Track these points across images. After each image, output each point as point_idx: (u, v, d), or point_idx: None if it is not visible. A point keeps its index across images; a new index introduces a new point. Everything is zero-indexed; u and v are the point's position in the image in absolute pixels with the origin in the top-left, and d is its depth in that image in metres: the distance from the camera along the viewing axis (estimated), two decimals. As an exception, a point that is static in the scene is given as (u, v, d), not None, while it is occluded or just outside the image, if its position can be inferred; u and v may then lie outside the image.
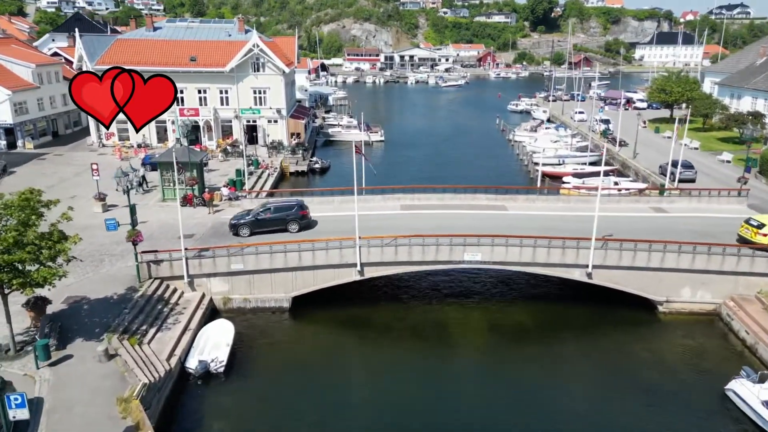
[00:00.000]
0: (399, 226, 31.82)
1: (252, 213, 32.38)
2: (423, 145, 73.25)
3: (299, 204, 32.95)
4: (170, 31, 62.15)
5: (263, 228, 31.43)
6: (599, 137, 69.48)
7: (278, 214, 31.70)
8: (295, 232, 31.37)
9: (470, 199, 36.22)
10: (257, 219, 31.61)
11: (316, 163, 58.26)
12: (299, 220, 32.09)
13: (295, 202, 33.45)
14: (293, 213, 32.12)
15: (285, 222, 31.74)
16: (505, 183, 54.00)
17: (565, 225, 32.73)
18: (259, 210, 32.26)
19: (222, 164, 53.26)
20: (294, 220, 31.92)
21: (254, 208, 33.48)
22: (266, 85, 60.33)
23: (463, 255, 27.40)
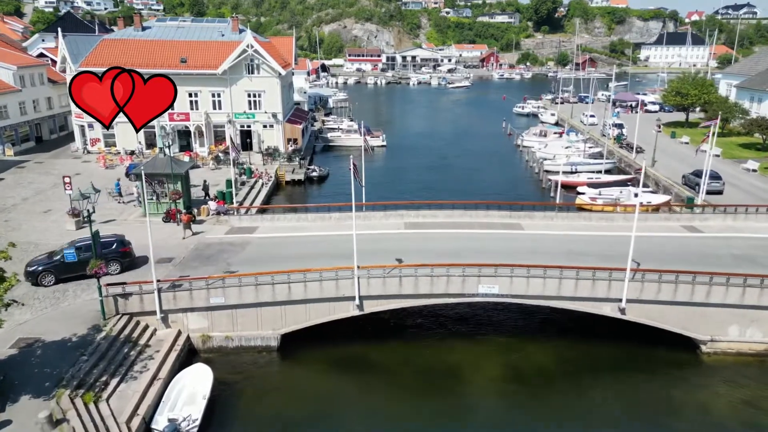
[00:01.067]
0: (403, 249, 28.31)
1: (57, 254, 26.30)
2: (426, 150, 69.71)
3: (119, 240, 27.86)
4: (160, 30, 58.67)
5: (73, 273, 25.67)
6: (612, 143, 65.87)
7: (89, 254, 24.00)
8: (117, 274, 26.28)
9: (482, 217, 32.64)
10: (63, 262, 25.72)
11: (314, 171, 54.73)
12: (120, 258, 27.09)
13: (114, 238, 27.97)
14: (113, 251, 26.95)
15: None
16: (515, 192, 50.63)
17: (589, 247, 29.18)
18: (66, 250, 26.12)
19: (213, 173, 49.74)
20: (114, 260, 26.73)
21: (61, 247, 26.97)
22: (261, 88, 56.87)
23: (477, 287, 23.86)
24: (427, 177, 55.82)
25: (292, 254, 28.43)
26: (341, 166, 60.46)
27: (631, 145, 62.19)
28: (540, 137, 70.60)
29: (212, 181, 47.53)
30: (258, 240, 30.95)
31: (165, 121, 52.00)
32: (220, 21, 61.04)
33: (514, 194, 49.70)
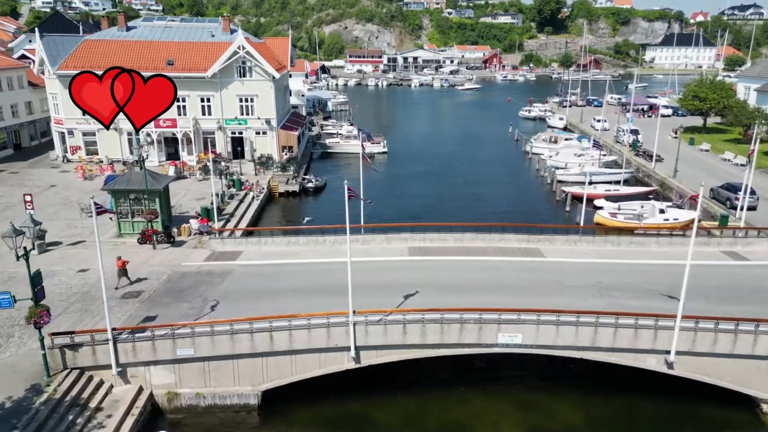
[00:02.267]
0: (407, 281, 24.47)
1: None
2: (430, 157, 65.86)
3: None
4: (145, 31, 54.89)
5: None
6: (628, 150, 61.95)
7: None
8: None
9: (496, 241, 28.76)
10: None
11: (310, 182, 50.86)
12: None
13: None
14: None
15: None
16: (527, 206, 46.74)
17: (621, 279, 25.32)
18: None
19: (200, 185, 45.90)
20: None
21: None
22: (254, 93, 53.08)
23: (497, 336, 20.04)
24: (431, 187, 51.96)
25: (279, 287, 24.61)
26: (340, 174, 56.62)
27: (649, 152, 58.31)
28: (550, 144, 66.76)
29: (198, 193, 43.76)
30: (241, 269, 27.10)
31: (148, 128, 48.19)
32: (210, 21, 57.26)
33: (526, 208, 45.87)
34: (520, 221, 41.35)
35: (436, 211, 43.72)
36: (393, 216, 41.55)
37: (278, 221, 40.99)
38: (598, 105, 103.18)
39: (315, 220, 38.18)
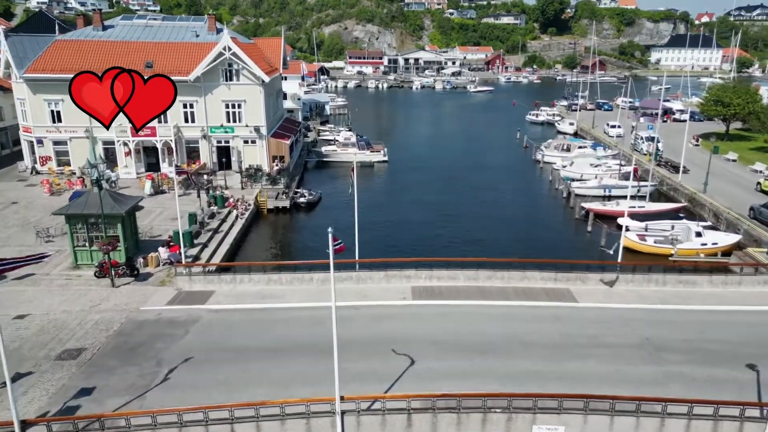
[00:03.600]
0: (409, 336, 19.91)
1: None
2: (433, 167, 61.20)
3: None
4: (123, 30, 50.28)
5: None
6: (648, 160, 57.32)
7: None
8: None
9: (517, 280, 24.14)
10: None
11: (302, 196, 46.13)
12: None
13: None
14: None
15: None
16: (543, 225, 42.09)
17: (674, 334, 20.72)
18: None
19: (181, 200, 41.10)
20: None
21: None
22: (241, 98, 48.48)
23: (531, 429, 15.41)
24: (435, 204, 47.26)
25: (252, 344, 20.03)
26: (336, 186, 52.10)
27: (672, 163, 53.67)
28: (562, 152, 62.11)
29: (176, 212, 39.13)
30: (210, 316, 22.47)
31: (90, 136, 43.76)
32: (195, 19, 52.64)
33: (543, 228, 41.24)
34: (537, 244, 37.00)
35: (440, 232, 39.09)
36: (392, 237, 36.98)
37: (265, 248, 36.20)
38: (608, 109, 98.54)
39: (305, 248, 33.67)
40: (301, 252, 34.95)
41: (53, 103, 46.95)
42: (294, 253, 34.87)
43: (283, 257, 33.78)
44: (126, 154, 48.15)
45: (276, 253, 34.68)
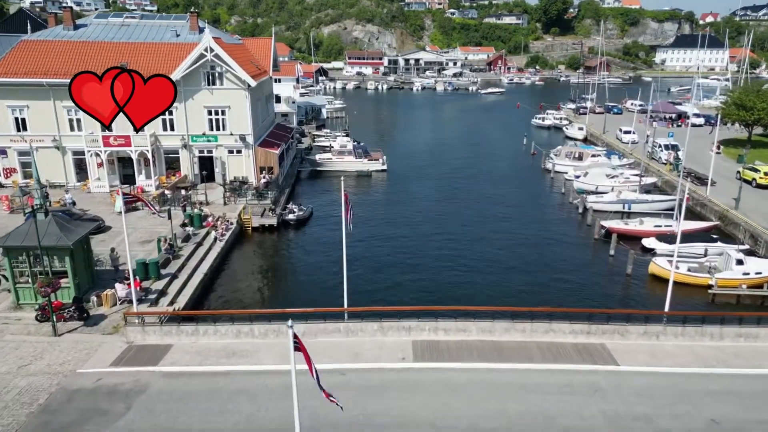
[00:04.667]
0: (407, 415, 15.59)
1: None
2: (435, 176, 56.88)
3: None
4: (97, 29, 45.97)
5: None
6: (668, 170, 53.00)
7: None
8: None
9: (541, 334, 19.80)
10: None
11: (291, 213, 41.72)
12: None
13: None
14: None
15: None
16: (559, 247, 37.74)
17: (746, 411, 16.42)
18: None
19: (152, 221, 36.83)
20: None
21: None
22: (225, 103, 44.19)
23: None
24: (436, 219, 42.95)
25: (210, 427, 15.60)
26: (331, 200, 47.76)
27: (697, 174, 49.26)
28: (574, 161, 57.74)
29: (147, 233, 34.80)
30: (161, 383, 18.13)
31: (30, 147, 39.36)
32: (176, 18, 48.27)
33: (558, 250, 36.86)
34: (553, 270, 32.67)
35: (442, 257, 34.72)
36: (387, 265, 32.61)
37: (244, 279, 31.69)
38: (617, 112, 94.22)
39: (291, 280, 29.31)
40: (285, 287, 30.59)
41: (18, 109, 42.69)
42: (277, 288, 30.49)
43: (265, 291, 29.45)
44: (98, 166, 43.83)
45: (256, 287, 30.27)
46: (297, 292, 29.03)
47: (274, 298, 28.56)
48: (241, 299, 28.49)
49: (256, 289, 30.02)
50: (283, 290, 29.88)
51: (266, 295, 29.18)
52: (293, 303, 26.88)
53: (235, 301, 27.84)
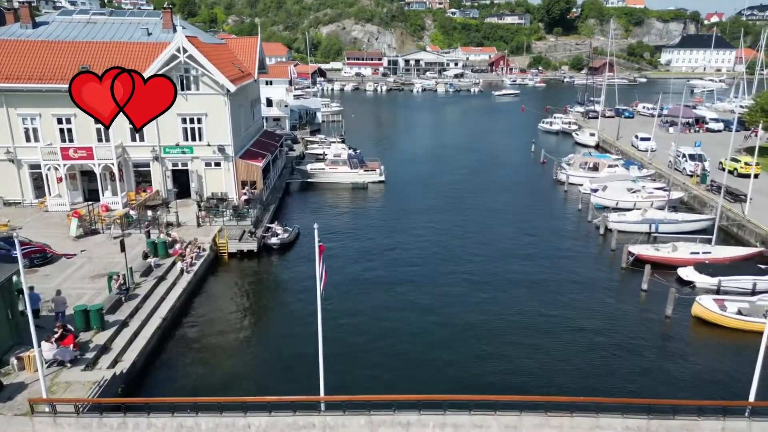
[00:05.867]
0: None
1: None
2: (437, 189, 51.93)
3: None
4: (59, 28, 41.02)
5: None
6: (694, 183, 48.04)
7: None
8: None
9: (584, 430, 14.87)
10: None
11: (274, 235, 36.65)
12: None
13: None
14: None
15: None
16: (578, 273, 32.81)
17: None
18: None
19: (110, 249, 31.85)
20: None
21: None
22: (202, 111, 39.33)
23: None
24: (438, 242, 38.03)
25: None
26: (321, 216, 42.79)
27: (728, 188, 44.16)
28: (589, 171, 52.79)
29: (104, 263, 29.76)
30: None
31: None
32: (149, 15, 43.33)
33: (578, 281, 31.91)
34: (579, 312, 27.73)
35: (444, 293, 29.83)
36: (372, 311, 27.64)
37: (212, 328, 26.55)
38: (629, 116, 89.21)
39: (257, 346, 24.42)
40: (256, 342, 25.57)
41: (-36, 118, 37.82)
42: (247, 342, 25.45)
43: (231, 347, 24.44)
44: (58, 181, 38.89)
45: (222, 339, 25.21)
46: (269, 350, 24.09)
47: (239, 359, 23.60)
48: (201, 356, 23.53)
49: (221, 342, 24.99)
50: (253, 346, 24.85)
51: (232, 354, 24.13)
52: (263, 368, 22.01)
53: (193, 362, 22.88)
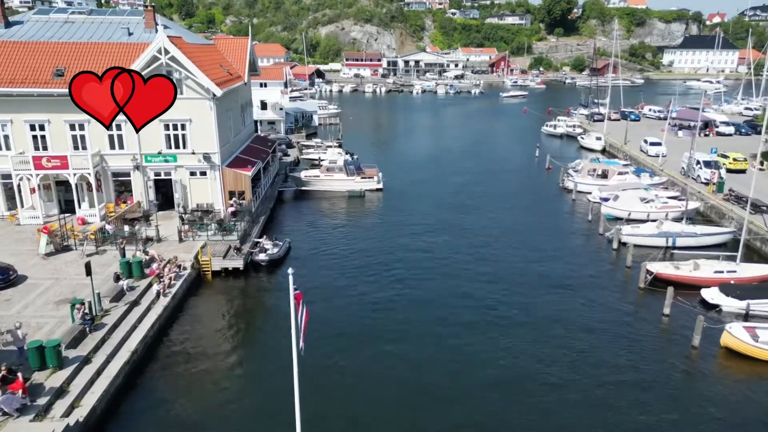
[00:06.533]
0: None
1: None
2: (438, 198, 49.25)
3: None
4: (34, 28, 38.33)
5: None
6: (710, 192, 45.38)
7: None
8: None
9: None
10: None
11: (263, 251, 33.91)
12: None
13: None
14: None
15: None
16: (592, 292, 30.19)
17: None
18: None
19: (81, 270, 29.13)
20: None
21: None
22: (186, 116, 36.63)
23: None
24: (439, 259, 35.38)
25: None
26: (316, 228, 40.29)
27: (747, 198, 41.50)
28: (598, 179, 50.11)
29: (72, 286, 27.01)
30: None
31: None
32: (131, 14, 40.66)
33: (593, 302, 29.26)
34: (596, 336, 25.10)
35: (446, 321, 27.21)
36: (374, 352, 25.03)
37: (188, 366, 23.76)
38: (635, 119, 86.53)
39: (237, 383, 21.82)
40: (235, 383, 22.97)
41: (-70, 124, 35.18)
42: (225, 387, 22.84)
43: (212, 386, 21.81)
44: (32, 192, 36.21)
45: (197, 381, 22.57)
46: (256, 388, 21.48)
47: (219, 399, 21.01)
48: (175, 397, 20.88)
49: (199, 378, 22.34)
50: (236, 382, 22.22)
51: (212, 393, 21.50)
52: (247, 411, 19.42)
53: (165, 404, 20.24)
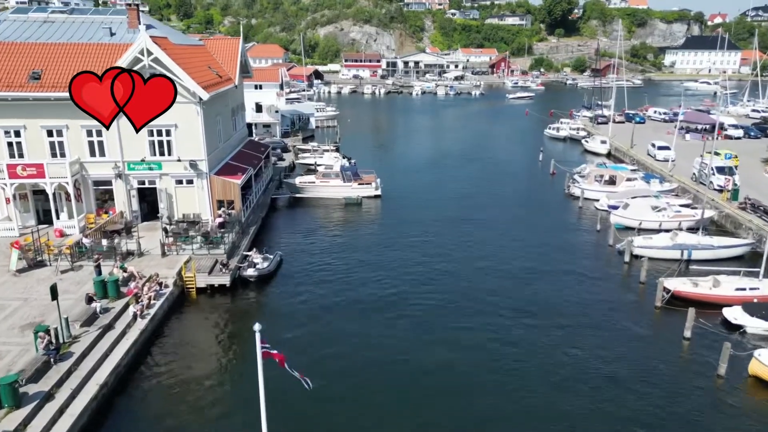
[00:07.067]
0: None
1: None
2: (438, 204, 47.12)
3: None
4: (11, 28, 36.15)
5: None
6: (724, 199, 43.26)
7: None
8: None
9: None
10: None
11: (252, 265, 31.75)
12: None
13: None
14: None
15: None
16: (605, 312, 28.06)
17: None
18: None
19: (63, 280, 26.97)
20: None
21: None
22: (171, 121, 34.39)
23: None
24: (438, 274, 33.25)
25: None
26: (310, 240, 38.16)
27: (764, 207, 39.48)
28: (606, 185, 47.97)
29: (42, 307, 24.83)
30: None
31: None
32: (114, 13, 38.49)
33: (611, 329, 27.13)
34: (609, 364, 22.94)
35: (445, 341, 25.06)
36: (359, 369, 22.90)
37: (164, 403, 21.71)
38: (640, 121, 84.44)
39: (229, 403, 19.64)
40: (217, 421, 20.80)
41: None
42: (210, 419, 20.71)
43: (191, 422, 19.65)
44: (6, 202, 34.07)
45: (174, 416, 20.36)
46: (243, 423, 19.31)
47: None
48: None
49: (177, 411, 20.22)
50: (218, 425, 20.10)
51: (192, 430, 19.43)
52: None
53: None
